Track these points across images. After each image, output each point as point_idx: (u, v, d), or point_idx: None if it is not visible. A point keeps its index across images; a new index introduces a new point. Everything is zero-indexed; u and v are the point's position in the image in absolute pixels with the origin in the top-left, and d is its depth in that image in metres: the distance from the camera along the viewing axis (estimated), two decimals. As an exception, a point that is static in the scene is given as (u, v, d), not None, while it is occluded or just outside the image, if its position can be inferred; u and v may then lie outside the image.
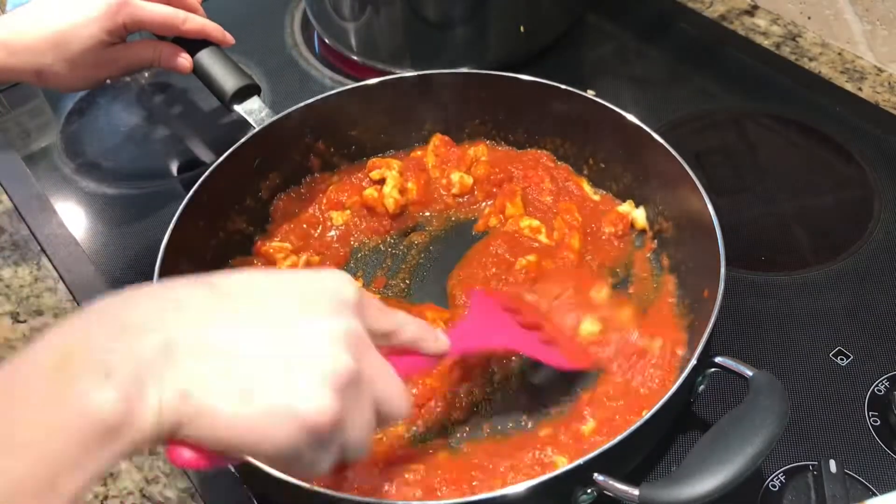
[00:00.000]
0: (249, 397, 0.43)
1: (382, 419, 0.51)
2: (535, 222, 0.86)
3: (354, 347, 0.48)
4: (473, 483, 0.66)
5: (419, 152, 0.94)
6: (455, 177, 0.90)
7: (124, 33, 0.87)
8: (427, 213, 0.91)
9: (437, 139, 0.93)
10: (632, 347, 0.74)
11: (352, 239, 0.89)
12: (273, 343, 0.46)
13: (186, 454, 0.44)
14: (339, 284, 0.51)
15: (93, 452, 0.40)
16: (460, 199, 0.91)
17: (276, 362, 0.45)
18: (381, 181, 0.90)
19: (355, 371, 0.47)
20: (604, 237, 0.86)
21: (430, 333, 0.59)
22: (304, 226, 0.89)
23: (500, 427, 0.72)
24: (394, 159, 0.93)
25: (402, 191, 0.89)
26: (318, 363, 0.46)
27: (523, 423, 0.72)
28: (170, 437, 0.43)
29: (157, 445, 0.43)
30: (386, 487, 0.66)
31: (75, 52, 0.84)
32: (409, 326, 0.56)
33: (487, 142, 0.95)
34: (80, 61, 0.85)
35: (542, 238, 0.85)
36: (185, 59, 0.90)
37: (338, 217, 0.90)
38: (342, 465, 0.50)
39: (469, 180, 0.90)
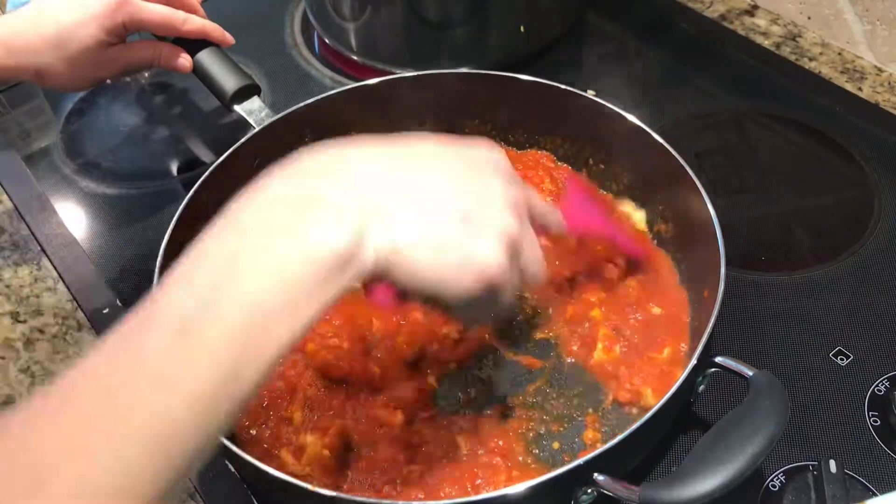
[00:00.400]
0: (443, 250, 0.50)
1: (527, 281, 0.57)
2: None
3: (519, 213, 0.55)
4: (477, 482, 0.66)
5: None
6: None
7: (124, 33, 0.87)
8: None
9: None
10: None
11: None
12: (458, 202, 0.52)
13: (381, 296, 0.52)
14: (495, 155, 0.57)
15: (327, 283, 0.46)
16: None
17: (463, 219, 0.51)
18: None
19: (519, 234, 0.54)
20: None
21: (554, 211, 0.65)
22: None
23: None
24: None
25: None
26: (495, 224, 0.52)
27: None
28: (378, 278, 0.50)
29: (364, 280, 0.50)
30: (386, 489, 0.66)
31: (75, 52, 0.84)
32: (543, 205, 0.62)
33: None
34: (79, 61, 0.85)
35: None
36: (185, 60, 0.90)
37: None
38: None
39: None
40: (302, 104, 0.88)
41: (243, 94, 0.89)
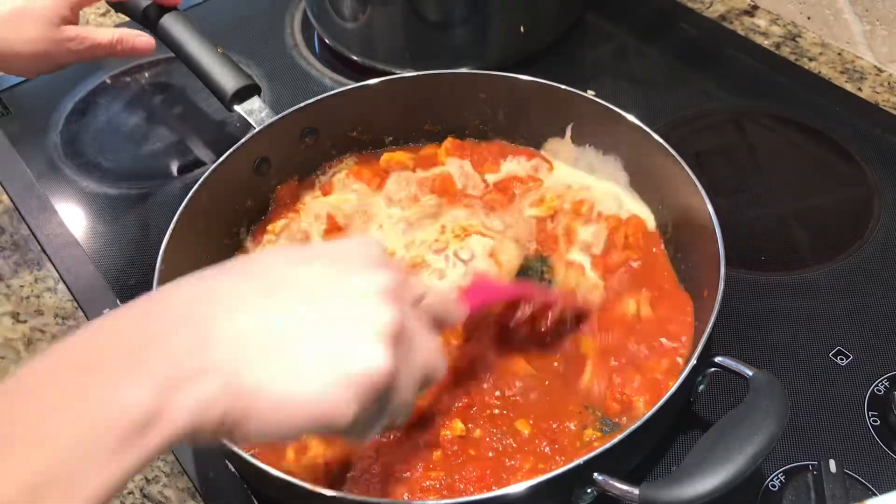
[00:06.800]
0: (302, 371, 0.42)
1: (424, 379, 0.50)
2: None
3: (397, 300, 0.46)
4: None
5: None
6: None
7: (77, 6, 0.87)
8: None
9: (448, 143, 0.93)
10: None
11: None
12: (314, 309, 0.44)
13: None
14: (367, 245, 0.50)
15: (120, 451, 0.38)
16: None
17: (322, 329, 0.44)
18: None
19: (402, 323, 0.46)
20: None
21: (451, 300, 0.59)
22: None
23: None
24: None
25: None
26: (366, 319, 0.44)
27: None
28: (226, 437, 0.42)
29: (209, 440, 0.42)
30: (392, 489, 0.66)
31: (30, 29, 0.84)
32: (433, 291, 0.55)
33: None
34: (36, 39, 0.84)
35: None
36: (145, 38, 0.89)
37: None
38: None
39: None
40: (302, 104, 0.88)
41: (243, 94, 0.89)
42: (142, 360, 0.40)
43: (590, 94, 0.87)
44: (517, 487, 0.58)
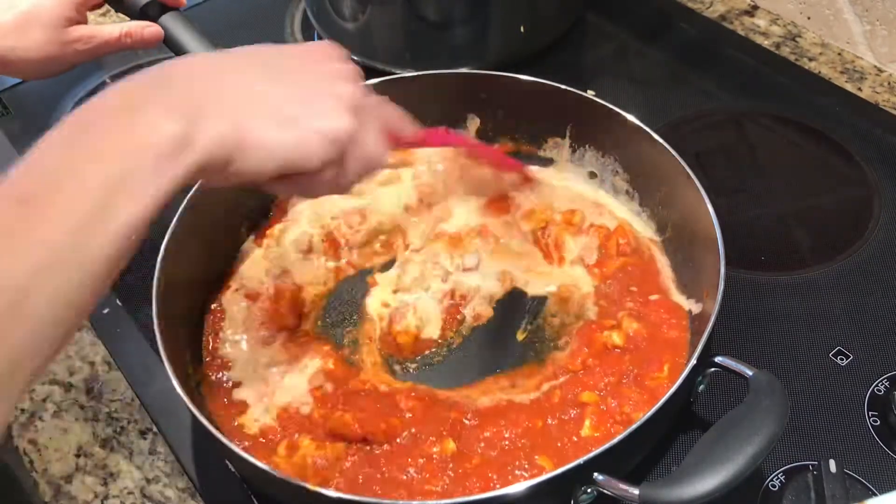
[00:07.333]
0: (287, 125, 0.55)
1: (393, 137, 0.65)
2: None
3: (358, 83, 0.61)
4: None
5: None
6: None
7: (84, 8, 0.86)
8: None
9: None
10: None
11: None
12: (299, 85, 0.58)
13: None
14: (333, 47, 0.64)
15: (161, 168, 0.49)
16: None
17: (303, 98, 0.57)
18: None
19: (361, 96, 0.60)
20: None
21: (403, 114, 0.71)
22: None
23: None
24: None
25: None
26: (333, 94, 0.59)
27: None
28: (220, 174, 0.53)
29: (207, 176, 0.53)
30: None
31: (38, 32, 0.83)
32: (388, 103, 0.68)
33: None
34: (44, 42, 0.83)
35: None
36: (154, 28, 0.89)
37: None
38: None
39: None
40: (302, 104, 0.88)
41: (243, 94, 0.89)
42: (172, 103, 0.51)
43: (590, 94, 0.87)
44: (517, 487, 0.58)
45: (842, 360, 0.77)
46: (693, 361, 0.64)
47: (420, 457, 0.68)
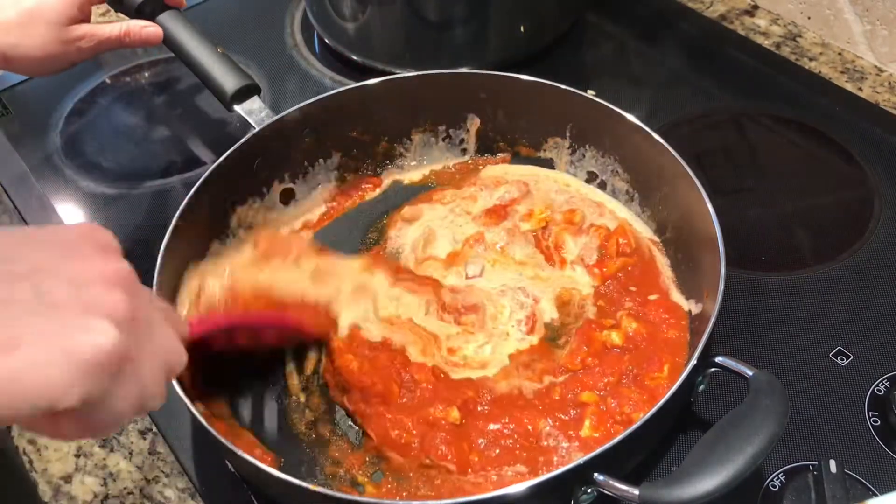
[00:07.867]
0: (23, 350, 0.40)
1: (167, 365, 0.50)
2: None
3: (128, 287, 0.46)
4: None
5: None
6: None
7: (88, 6, 0.87)
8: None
9: None
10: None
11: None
12: (40, 290, 0.42)
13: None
14: (96, 230, 0.48)
15: None
16: None
17: (47, 309, 0.42)
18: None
19: (134, 309, 0.45)
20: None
21: (176, 314, 0.60)
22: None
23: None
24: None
25: None
26: (96, 301, 0.43)
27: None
28: None
29: None
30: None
31: (41, 29, 0.83)
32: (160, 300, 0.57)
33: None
34: (46, 39, 0.84)
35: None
36: (154, 28, 0.89)
37: None
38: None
39: None
40: (302, 104, 0.88)
41: (243, 94, 0.89)
42: None
43: (590, 94, 0.87)
44: (517, 487, 0.58)
45: (842, 360, 0.77)
46: (693, 361, 0.64)
47: (423, 422, 0.69)
